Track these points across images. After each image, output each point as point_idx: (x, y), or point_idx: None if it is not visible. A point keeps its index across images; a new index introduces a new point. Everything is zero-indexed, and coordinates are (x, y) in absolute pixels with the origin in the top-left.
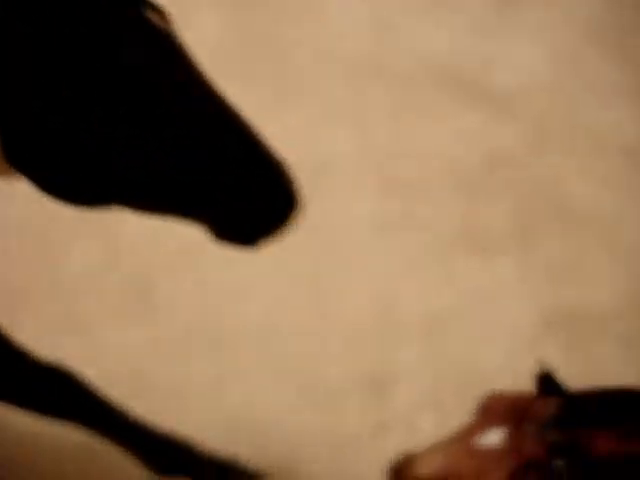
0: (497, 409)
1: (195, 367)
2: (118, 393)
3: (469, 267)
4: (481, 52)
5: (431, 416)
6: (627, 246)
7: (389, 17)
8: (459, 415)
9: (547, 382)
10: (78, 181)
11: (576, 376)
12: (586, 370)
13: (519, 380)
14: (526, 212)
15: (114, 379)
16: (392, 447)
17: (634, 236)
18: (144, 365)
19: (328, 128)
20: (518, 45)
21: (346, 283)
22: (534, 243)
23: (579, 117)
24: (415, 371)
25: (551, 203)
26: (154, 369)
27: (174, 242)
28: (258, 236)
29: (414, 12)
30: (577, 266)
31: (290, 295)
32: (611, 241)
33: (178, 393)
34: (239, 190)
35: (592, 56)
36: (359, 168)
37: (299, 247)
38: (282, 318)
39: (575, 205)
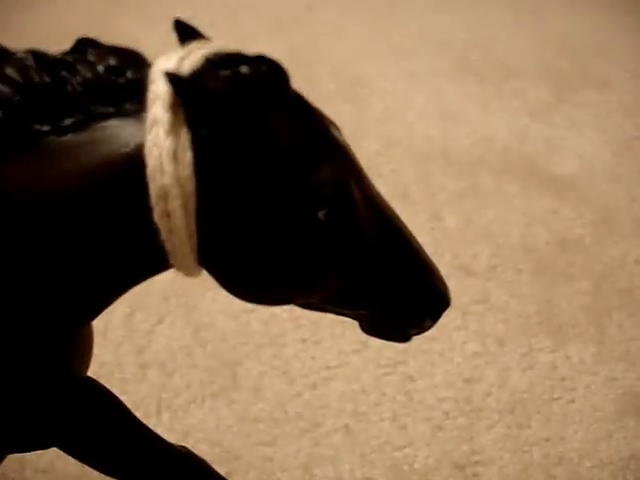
0: None
1: (284, 449)
2: None
3: (546, 350)
4: (542, 137)
5: None
6: None
7: (452, 106)
8: None
9: None
10: (269, 286)
11: None
12: None
13: (601, 462)
14: (599, 295)
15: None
16: None
17: None
18: (234, 445)
19: (398, 210)
20: (577, 130)
21: (427, 366)
22: (608, 326)
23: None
24: (499, 454)
25: (622, 286)
26: (244, 450)
27: (257, 324)
28: (411, 332)
29: (477, 100)
30: None
31: (374, 378)
32: None
33: (271, 475)
34: (402, 292)
35: None
36: (432, 250)
37: None
38: (367, 401)
39: None
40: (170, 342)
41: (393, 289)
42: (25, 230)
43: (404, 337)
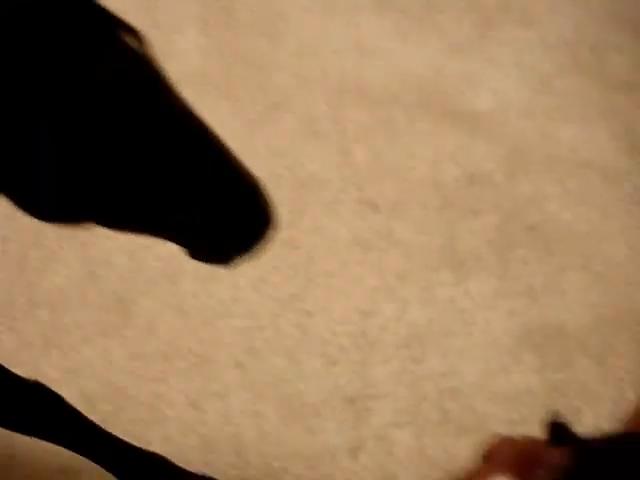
0: (504, 455)
1: (174, 386)
2: (97, 410)
3: (448, 283)
4: (460, 73)
5: (408, 433)
6: (604, 263)
7: (369, 40)
8: (437, 432)
9: (559, 431)
10: (53, 199)
11: (553, 392)
12: (563, 387)
13: (495, 396)
14: (505, 231)
15: (94, 397)
16: (369, 464)
17: (611, 253)
18: (124, 383)
19: (308, 147)
20: (496, 67)
21: (325, 301)
22: (512, 261)
23: (556, 137)
24: (393, 388)
25: (530, 222)
26: (134, 387)
27: (153, 260)
28: (233, 255)
29: (396, 35)
30: (555, 284)
31: (270, 314)
32: (588, 259)
33: (157, 412)
34: (215, 209)
35: (567, 77)
36: (339, 186)
37: (277, 266)
38: (262, 337)
39: (553, 224)
40: (63, 280)
41: (202, 205)
42: None
43: (227, 260)
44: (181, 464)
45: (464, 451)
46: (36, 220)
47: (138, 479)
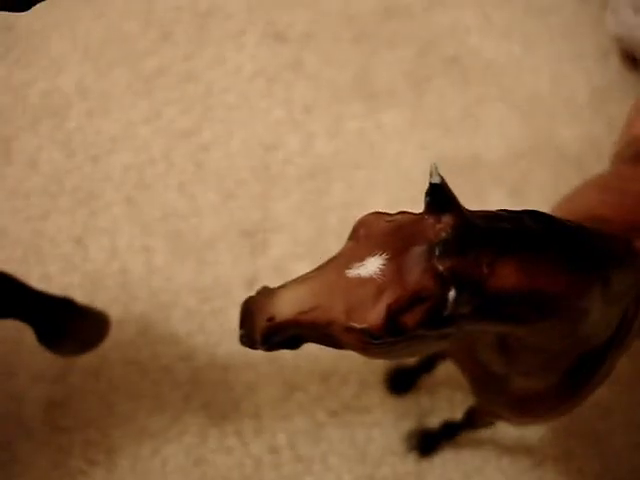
0: (376, 232)
1: (56, 223)
2: None
3: (358, 116)
4: None
5: (306, 263)
6: (524, 96)
7: None
8: None
9: (438, 196)
10: None
11: None
12: None
13: None
14: (422, 63)
15: None
16: None
17: (532, 87)
18: (2, 221)
19: None
20: None
21: (225, 135)
22: (428, 93)
23: None
24: (294, 220)
25: (448, 54)
26: (13, 225)
27: (36, 96)
28: None
29: None
30: (472, 116)
31: (164, 148)
32: (507, 92)
33: (37, 250)
34: None
35: None
36: (245, 17)
37: (173, 99)
38: (153, 172)
39: (473, 56)
40: None
41: None
42: None
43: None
44: None
45: None
46: None
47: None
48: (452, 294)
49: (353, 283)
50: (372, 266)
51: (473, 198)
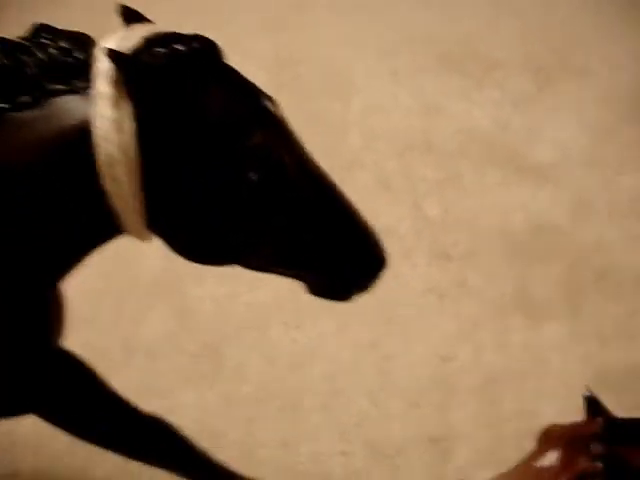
0: (553, 436)
1: (265, 428)
2: None
3: (521, 328)
4: (523, 126)
5: (490, 472)
6: None
7: (433, 99)
8: None
9: (593, 405)
10: (211, 245)
11: None
12: None
13: None
14: (575, 276)
15: (191, 438)
16: None
17: None
18: (218, 424)
19: (381, 202)
20: (557, 119)
21: (404, 347)
22: (583, 306)
23: (618, 185)
24: (473, 429)
25: (597, 268)
26: (228, 428)
27: (240, 308)
28: (351, 292)
29: (458, 93)
30: (627, 327)
31: (352, 359)
32: None
33: (251, 452)
34: (339, 253)
35: (626, 127)
36: (413, 238)
37: (356, 312)
38: (345, 380)
39: (620, 269)
40: (156, 328)
41: (329, 249)
42: None
43: (345, 296)
44: None
45: None
46: (130, 274)
47: None
48: (599, 464)
49: (539, 473)
50: (552, 458)
51: (637, 406)
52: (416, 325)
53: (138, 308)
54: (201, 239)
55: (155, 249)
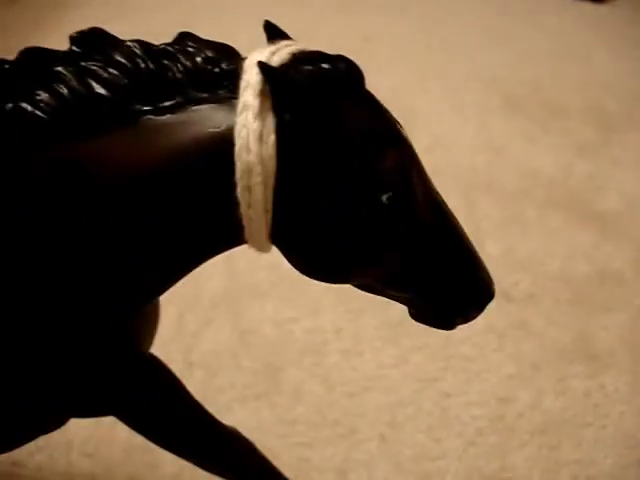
0: None
1: (320, 453)
2: None
3: (581, 376)
4: (587, 174)
5: None
6: None
7: (499, 140)
8: None
9: None
10: (329, 262)
11: None
12: None
13: None
14: (637, 329)
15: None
16: None
17: None
18: (273, 444)
19: None
20: (621, 169)
21: (464, 385)
22: None
23: None
24: (529, 472)
25: None
26: (282, 450)
27: (299, 332)
28: (455, 322)
29: (523, 136)
30: None
31: (411, 392)
32: None
33: (303, 476)
34: (449, 282)
35: None
36: None
37: (418, 346)
38: (404, 413)
39: None
40: (217, 344)
41: (442, 276)
42: (115, 203)
43: (449, 325)
44: None
45: None
46: (193, 291)
47: None
48: None
49: None
50: None
51: None
52: (476, 364)
53: (199, 323)
54: (324, 256)
55: (220, 268)
